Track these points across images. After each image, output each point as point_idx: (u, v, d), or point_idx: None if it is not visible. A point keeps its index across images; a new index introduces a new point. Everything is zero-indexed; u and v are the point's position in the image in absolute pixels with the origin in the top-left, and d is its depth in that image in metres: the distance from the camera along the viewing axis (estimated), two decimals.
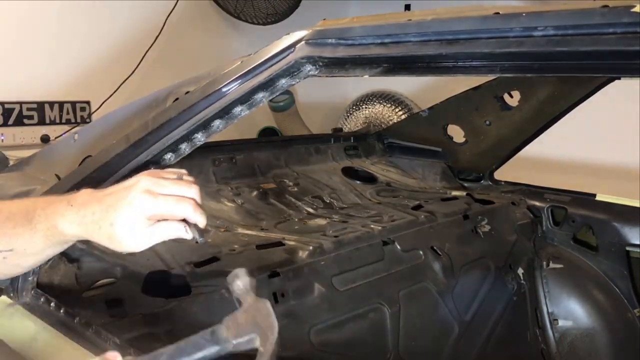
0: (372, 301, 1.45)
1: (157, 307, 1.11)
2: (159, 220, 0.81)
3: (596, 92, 1.83)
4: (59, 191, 1.10)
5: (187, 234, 0.83)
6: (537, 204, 1.97)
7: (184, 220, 0.83)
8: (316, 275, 1.35)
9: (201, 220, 0.83)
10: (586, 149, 3.02)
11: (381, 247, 1.51)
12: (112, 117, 1.26)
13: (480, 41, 0.81)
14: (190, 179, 0.88)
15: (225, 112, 1.04)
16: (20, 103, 2.58)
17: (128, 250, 0.82)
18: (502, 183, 2.14)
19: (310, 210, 1.73)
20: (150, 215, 0.80)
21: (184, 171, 0.89)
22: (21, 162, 1.45)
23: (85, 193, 0.84)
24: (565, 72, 0.89)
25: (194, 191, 0.85)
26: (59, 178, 1.22)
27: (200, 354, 0.69)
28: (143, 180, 0.82)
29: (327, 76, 1.02)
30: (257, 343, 0.69)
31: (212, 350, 0.70)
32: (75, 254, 1.17)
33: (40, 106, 2.65)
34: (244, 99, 1.03)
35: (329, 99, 3.88)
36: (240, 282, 0.76)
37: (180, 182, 0.85)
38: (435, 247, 1.63)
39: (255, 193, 1.74)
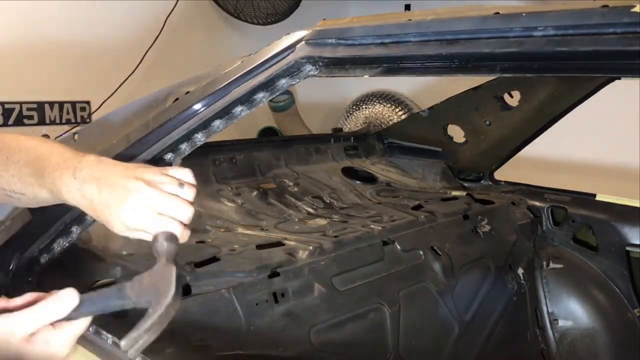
0: (372, 301, 1.45)
1: None
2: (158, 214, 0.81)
3: (596, 92, 1.83)
4: None
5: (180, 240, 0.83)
6: (537, 204, 1.97)
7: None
8: (316, 275, 1.35)
9: (186, 235, 0.84)
10: (586, 149, 3.02)
11: (381, 247, 1.51)
12: (112, 117, 1.26)
13: (480, 41, 0.81)
14: (192, 180, 0.89)
15: (225, 112, 1.04)
16: (20, 103, 2.59)
17: (118, 233, 0.83)
18: (502, 183, 2.14)
19: (310, 210, 1.73)
20: (153, 208, 0.80)
21: (186, 174, 0.89)
22: None
23: (90, 165, 0.83)
24: (565, 72, 0.90)
25: (192, 194, 0.87)
26: None
27: (106, 305, 0.78)
28: (149, 172, 0.82)
29: (327, 76, 1.02)
30: (150, 305, 0.74)
31: (117, 304, 0.77)
32: (76, 254, 1.17)
33: (40, 106, 2.65)
34: (244, 99, 1.03)
35: (329, 99, 3.88)
36: (159, 245, 0.78)
37: (181, 188, 0.86)
38: (435, 247, 1.63)
39: (255, 193, 1.74)
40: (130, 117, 1.20)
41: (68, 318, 0.76)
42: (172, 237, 0.79)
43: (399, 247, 1.54)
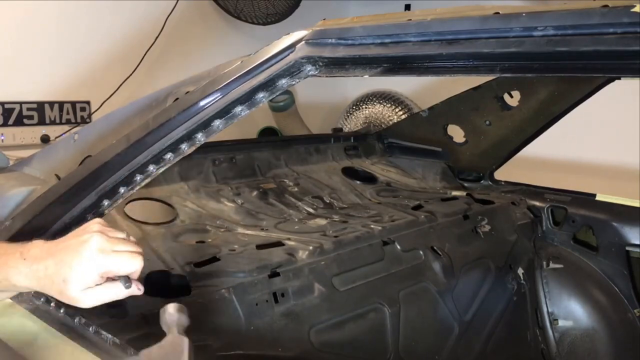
0: (372, 301, 1.45)
1: (157, 307, 1.11)
2: (109, 278, 0.84)
3: (596, 92, 1.83)
4: (58, 192, 1.10)
5: (129, 291, 0.86)
6: (537, 204, 1.97)
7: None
8: (316, 275, 1.35)
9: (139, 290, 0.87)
10: (586, 149, 3.02)
11: (381, 247, 1.51)
12: (112, 117, 1.26)
13: (480, 41, 0.81)
14: (135, 243, 0.90)
15: (225, 112, 1.04)
16: (20, 103, 2.58)
17: (77, 305, 0.84)
18: (502, 183, 2.14)
19: (310, 210, 1.73)
20: (103, 272, 0.82)
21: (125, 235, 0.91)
22: (21, 162, 1.45)
23: (38, 245, 0.86)
24: (565, 72, 0.89)
25: (139, 248, 0.88)
26: (58, 178, 1.22)
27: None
28: (96, 237, 0.84)
29: (327, 76, 1.02)
30: None
31: None
32: None
33: (40, 106, 2.65)
34: (244, 99, 1.03)
35: (329, 99, 3.88)
36: (168, 315, 0.78)
37: (129, 241, 0.88)
38: (435, 247, 1.63)
39: (255, 193, 1.74)
40: (130, 117, 1.20)
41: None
42: (181, 309, 0.79)
43: (399, 247, 1.54)
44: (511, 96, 1.97)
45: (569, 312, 1.89)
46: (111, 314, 1.09)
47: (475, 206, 1.86)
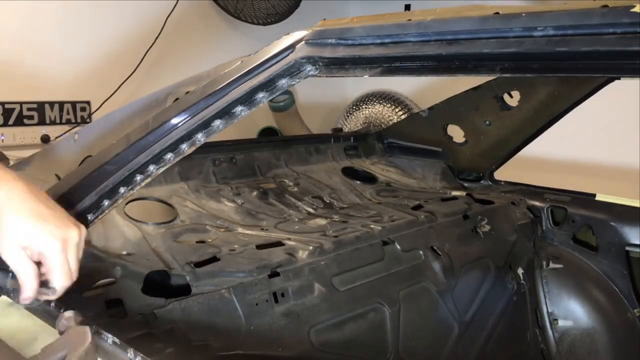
0: (372, 301, 1.45)
1: (157, 307, 1.11)
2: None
3: (596, 92, 1.84)
4: (58, 192, 1.10)
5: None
6: (537, 204, 1.97)
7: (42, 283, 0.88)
8: (316, 275, 1.35)
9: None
10: (586, 149, 3.02)
11: (381, 247, 1.51)
12: (112, 117, 1.26)
13: (480, 41, 0.81)
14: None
15: (225, 112, 1.04)
16: (20, 103, 2.58)
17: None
18: (502, 183, 2.14)
19: (310, 210, 1.73)
20: (25, 245, 0.84)
21: None
22: (21, 162, 1.45)
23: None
24: (565, 72, 0.89)
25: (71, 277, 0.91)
26: (59, 178, 1.22)
27: None
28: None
29: (327, 76, 1.02)
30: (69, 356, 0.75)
31: None
32: None
33: (40, 106, 2.65)
34: (244, 99, 1.03)
35: (329, 99, 3.88)
36: (65, 321, 0.82)
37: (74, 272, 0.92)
38: (435, 247, 1.63)
39: (255, 193, 1.74)
40: (130, 117, 1.20)
41: None
42: (75, 316, 0.86)
43: (399, 247, 1.54)
44: (511, 96, 1.97)
45: (569, 312, 1.89)
46: (111, 314, 1.09)
47: (475, 206, 1.86)
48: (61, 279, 0.87)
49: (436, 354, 1.61)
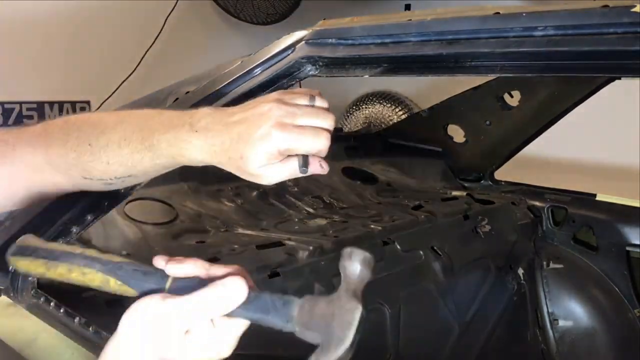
0: (372, 301, 1.45)
1: None
2: (290, 156, 0.74)
3: (596, 92, 1.83)
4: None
5: (311, 170, 0.75)
6: (537, 204, 1.97)
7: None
8: (316, 275, 1.35)
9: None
10: (586, 149, 3.02)
11: (381, 247, 1.51)
12: None
13: (480, 41, 0.81)
14: (324, 103, 0.79)
15: None
16: (20, 103, 2.59)
17: (257, 182, 0.77)
18: (502, 183, 2.14)
19: (310, 210, 1.73)
20: (283, 150, 0.72)
21: (316, 92, 0.78)
22: None
23: (207, 114, 0.75)
24: (565, 72, 0.89)
25: (329, 122, 0.76)
26: None
27: (267, 315, 0.64)
28: (275, 110, 0.72)
29: (327, 76, 1.02)
30: (318, 343, 0.61)
31: (277, 321, 0.64)
32: None
33: (40, 106, 2.65)
34: (244, 99, 1.03)
35: (329, 99, 3.86)
36: (349, 266, 0.65)
37: (316, 110, 0.76)
38: (435, 247, 1.63)
39: (255, 193, 1.74)
40: None
41: (230, 314, 0.63)
42: (368, 261, 0.64)
43: (399, 247, 1.54)
44: (511, 96, 1.96)
45: (569, 312, 1.89)
46: (111, 314, 1.09)
47: (475, 206, 1.86)
48: (309, 145, 0.73)
49: (436, 354, 1.61)
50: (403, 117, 3.36)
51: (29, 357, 0.97)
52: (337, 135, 2.23)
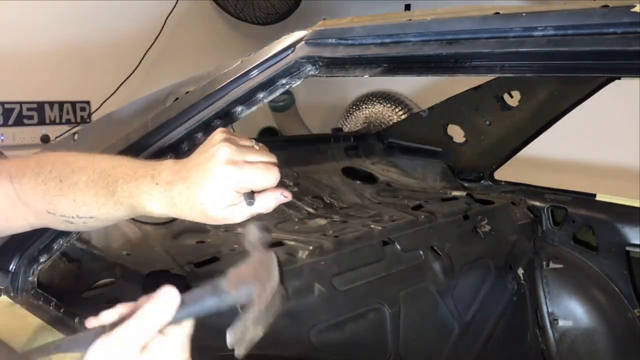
0: (372, 301, 1.45)
1: None
2: (253, 192, 0.76)
3: (596, 92, 1.83)
4: None
5: (251, 209, 0.78)
6: (537, 204, 1.97)
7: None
8: (316, 275, 1.35)
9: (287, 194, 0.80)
10: (586, 149, 3.01)
11: (381, 247, 1.51)
12: (112, 117, 1.26)
13: (480, 41, 0.81)
14: (265, 147, 0.81)
15: (225, 112, 1.04)
16: (20, 103, 2.59)
17: (228, 223, 0.79)
18: (502, 183, 2.14)
19: (311, 210, 1.73)
20: (239, 187, 0.74)
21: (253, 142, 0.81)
22: None
23: (168, 168, 0.77)
24: (565, 72, 0.89)
25: (275, 159, 0.79)
26: None
27: (204, 304, 0.73)
28: (224, 148, 0.74)
29: (327, 76, 1.02)
30: (255, 295, 0.70)
31: (214, 301, 0.72)
32: (75, 254, 1.17)
33: (40, 106, 2.65)
34: (244, 99, 1.03)
35: (329, 99, 3.88)
36: (252, 235, 0.75)
37: (261, 148, 0.79)
38: (435, 247, 1.63)
39: None
40: (130, 117, 1.20)
41: (173, 321, 0.71)
42: (265, 228, 0.76)
43: (399, 247, 1.54)
44: (511, 96, 1.96)
45: (569, 312, 1.89)
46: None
47: (475, 206, 1.86)
48: (262, 181, 0.76)
49: (436, 354, 1.61)
50: (403, 117, 3.36)
51: (29, 357, 0.97)
52: (337, 136, 2.24)
